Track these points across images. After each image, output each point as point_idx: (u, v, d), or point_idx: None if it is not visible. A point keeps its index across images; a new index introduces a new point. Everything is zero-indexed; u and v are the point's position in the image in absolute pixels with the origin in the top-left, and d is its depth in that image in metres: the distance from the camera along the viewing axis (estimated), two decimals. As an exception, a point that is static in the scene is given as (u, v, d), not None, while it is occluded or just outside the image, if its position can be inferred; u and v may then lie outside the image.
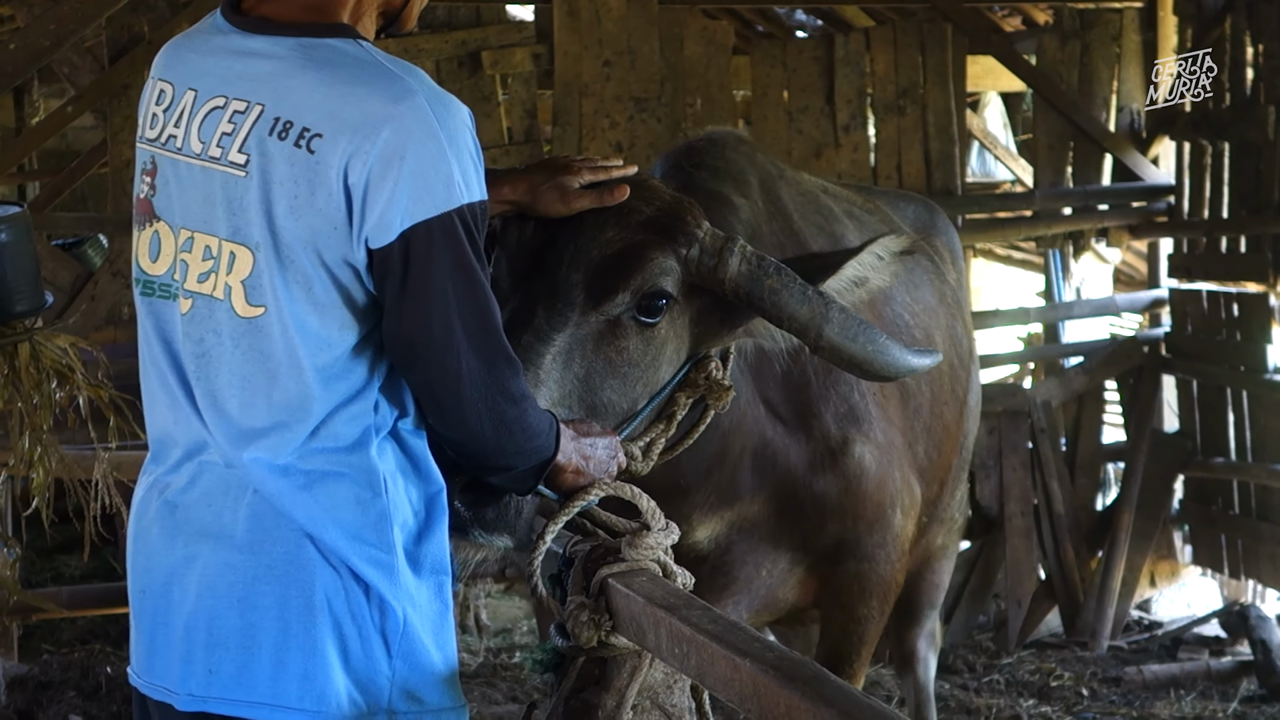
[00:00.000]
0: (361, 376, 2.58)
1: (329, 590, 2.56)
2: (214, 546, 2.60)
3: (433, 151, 2.49)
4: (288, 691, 2.57)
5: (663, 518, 3.03)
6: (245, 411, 2.56)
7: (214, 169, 2.56)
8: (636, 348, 3.17)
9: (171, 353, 2.64)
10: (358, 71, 2.52)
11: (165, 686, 2.66)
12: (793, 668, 2.34)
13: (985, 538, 8.59)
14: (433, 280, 2.50)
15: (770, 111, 9.20)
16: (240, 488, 2.59)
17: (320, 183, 2.48)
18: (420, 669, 2.63)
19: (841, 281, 3.32)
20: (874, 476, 3.97)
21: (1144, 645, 8.44)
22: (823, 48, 9.30)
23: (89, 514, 5.38)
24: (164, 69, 2.71)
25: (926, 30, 9.20)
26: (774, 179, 4.02)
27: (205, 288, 2.58)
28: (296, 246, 2.50)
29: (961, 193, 9.35)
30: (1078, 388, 9.02)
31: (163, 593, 2.66)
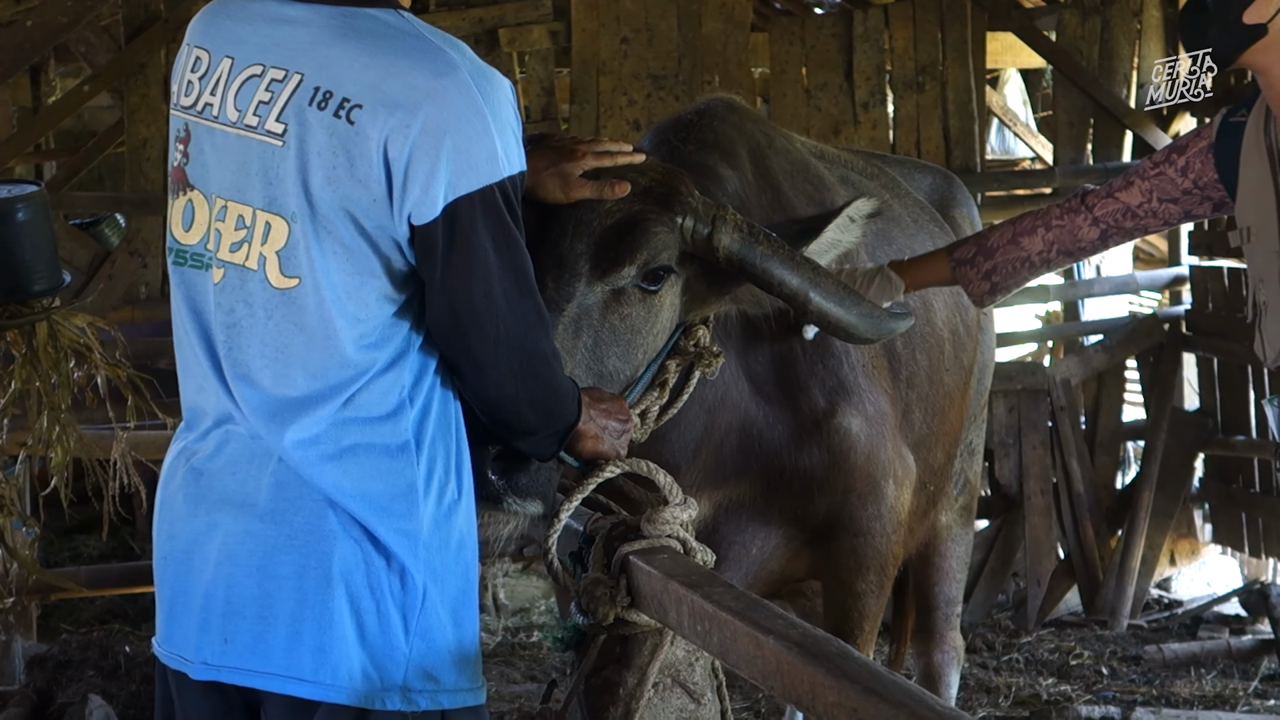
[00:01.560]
0: (397, 346, 2.58)
1: (348, 563, 2.56)
2: (235, 514, 2.60)
3: (477, 127, 2.49)
4: (302, 663, 2.57)
5: (680, 492, 3.05)
6: (278, 382, 2.56)
7: (250, 137, 2.55)
8: (639, 316, 3.22)
9: (202, 323, 2.64)
10: (399, 44, 2.51)
11: (181, 655, 2.67)
12: (816, 645, 2.33)
13: (1004, 516, 8.59)
14: (475, 251, 2.51)
15: (789, 89, 9.18)
16: (265, 456, 2.59)
17: (360, 154, 2.48)
18: (438, 647, 2.62)
19: (822, 245, 3.44)
20: (863, 448, 3.96)
21: (1164, 624, 8.42)
22: (841, 24, 9.28)
23: (108, 494, 5.38)
24: (200, 35, 2.68)
25: (946, 6, 9.17)
26: (763, 149, 4.01)
27: (238, 258, 2.58)
28: (334, 217, 2.50)
29: (981, 170, 9.34)
30: (1098, 366, 9.00)
31: (184, 560, 2.66)
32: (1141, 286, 9.96)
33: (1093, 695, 7.28)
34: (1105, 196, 3.83)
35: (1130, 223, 3.82)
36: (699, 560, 2.96)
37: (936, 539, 5.11)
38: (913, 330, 4.23)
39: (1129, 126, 9.26)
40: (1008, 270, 3.87)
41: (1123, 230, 3.85)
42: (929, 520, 4.83)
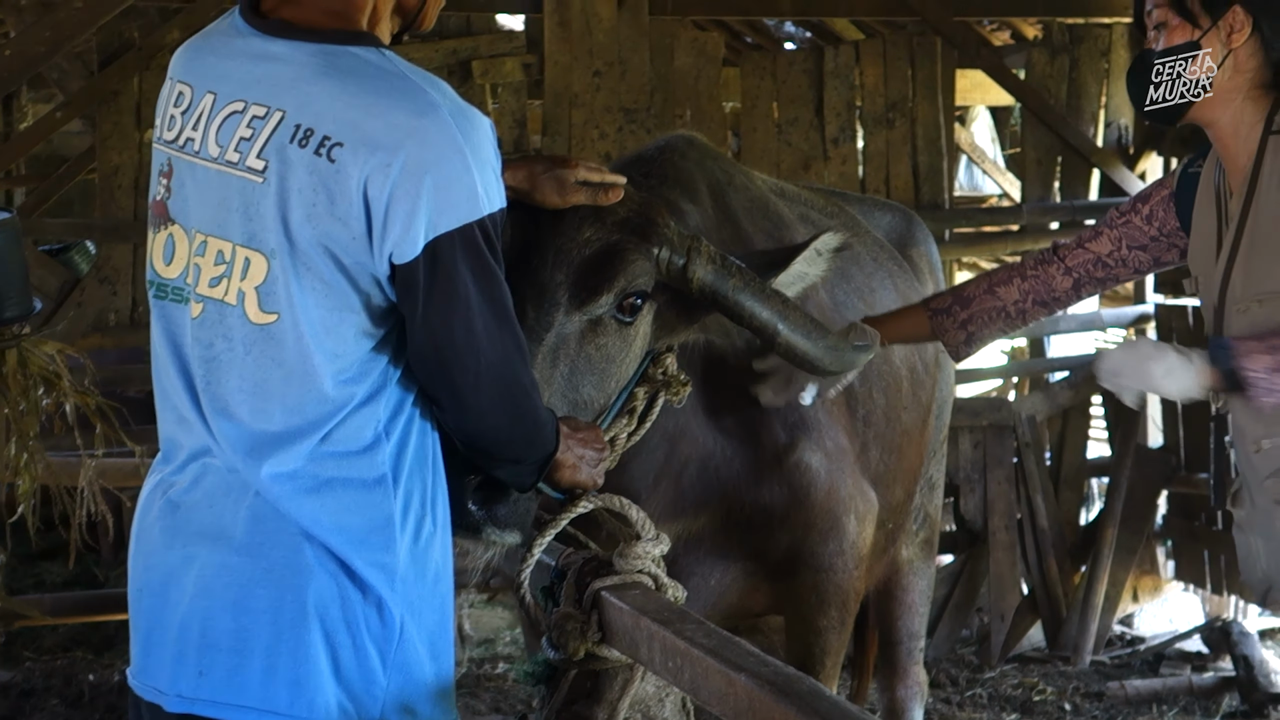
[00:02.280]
0: (375, 381, 2.59)
1: (324, 597, 2.56)
2: (212, 547, 2.60)
3: (457, 166, 2.50)
4: (278, 697, 2.57)
5: (652, 527, 3.06)
6: (256, 417, 2.56)
7: (231, 174, 2.55)
8: (615, 345, 3.23)
9: (181, 357, 2.64)
10: (381, 82, 2.52)
11: (156, 687, 2.66)
12: (788, 683, 2.34)
13: (969, 551, 8.59)
14: (456, 287, 2.52)
15: (759, 123, 9.20)
16: (242, 490, 2.59)
17: (340, 192, 2.48)
18: (415, 681, 2.62)
19: (789, 277, 3.46)
20: (823, 484, 3.96)
21: (1126, 660, 8.44)
22: (812, 60, 9.30)
23: (74, 521, 5.37)
24: (183, 70, 2.69)
25: (916, 44, 9.21)
26: (723, 185, 4.03)
27: (217, 292, 2.58)
28: (313, 253, 2.50)
29: (949, 206, 9.36)
30: (1063, 402, 9.03)
31: (160, 592, 2.66)
32: (1107, 324, 10.00)
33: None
34: (1076, 247, 3.86)
35: (1101, 272, 3.85)
36: (670, 596, 2.96)
37: (898, 574, 5.12)
38: (870, 368, 4.26)
39: (1096, 165, 9.32)
40: (984, 320, 3.90)
41: (1095, 279, 3.87)
42: (890, 555, 4.84)
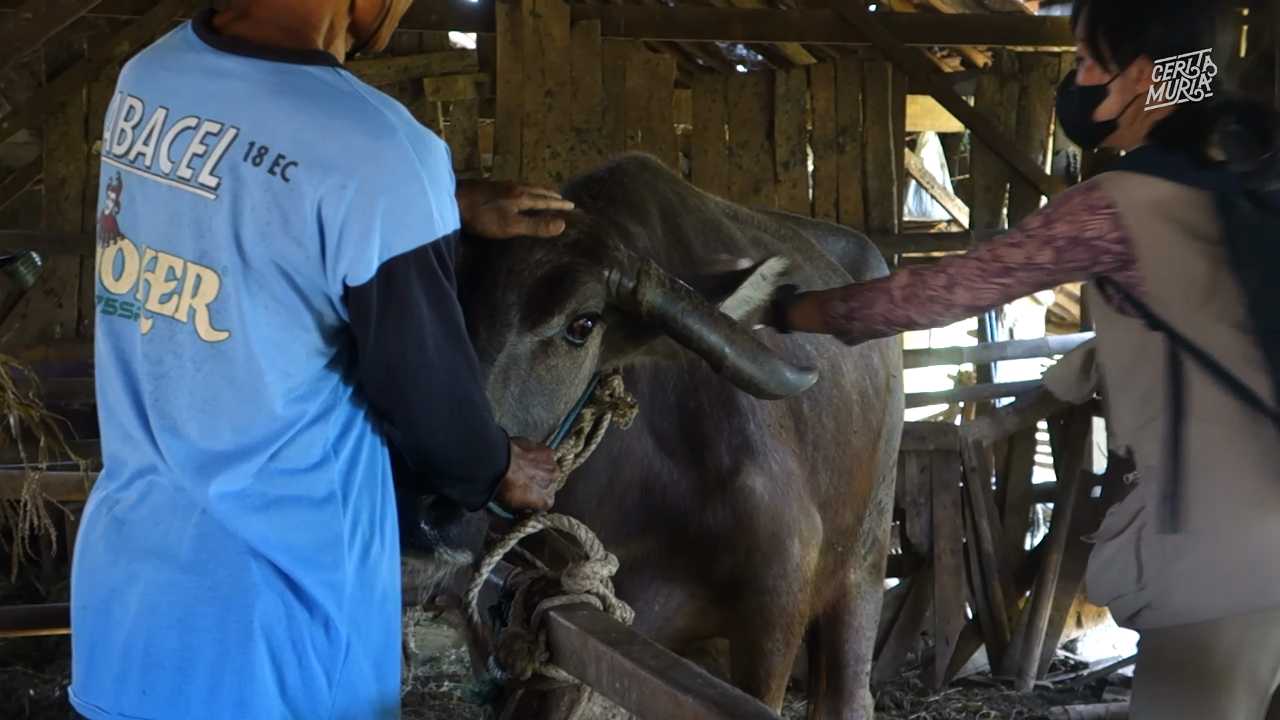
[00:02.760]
0: (326, 399, 2.58)
1: (269, 617, 2.55)
2: (157, 565, 2.58)
3: (413, 189, 2.49)
4: (222, 717, 2.55)
5: (601, 548, 3.06)
6: (205, 435, 2.54)
7: (183, 190, 2.53)
8: (565, 367, 3.23)
9: (128, 372, 2.61)
10: (337, 103, 2.50)
11: (99, 705, 2.64)
12: (735, 705, 2.34)
13: (915, 575, 8.61)
14: (410, 308, 2.52)
15: (710, 145, 9.23)
16: (189, 508, 2.57)
17: (294, 211, 2.46)
18: (360, 699, 2.61)
19: (735, 301, 3.47)
20: (767, 508, 3.97)
21: (1070, 685, 8.46)
22: (764, 83, 9.35)
23: (17, 535, 5.32)
24: (134, 84, 2.66)
25: (867, 69, 9.27)
26: (674, 207, 4.04)
27: (167, 309, 2.56)
28: (266, 272, 2.49)
29: (898, 231, 9.42)
30: (1009, 428, 9.06)
31: (103, 609, 2.63)
32: (1054, 350, 10.05)
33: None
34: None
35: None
36: (619, 617, 2.96)
37: (846, 597, 5.12)
38: (820, 392, 4.27)
39: (1044, 193, 9.38)
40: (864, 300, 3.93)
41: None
42: (838, 579, 4.84)
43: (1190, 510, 3.45)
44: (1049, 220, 3.52)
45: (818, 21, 9.29)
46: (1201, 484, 3.46)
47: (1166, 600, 3.47)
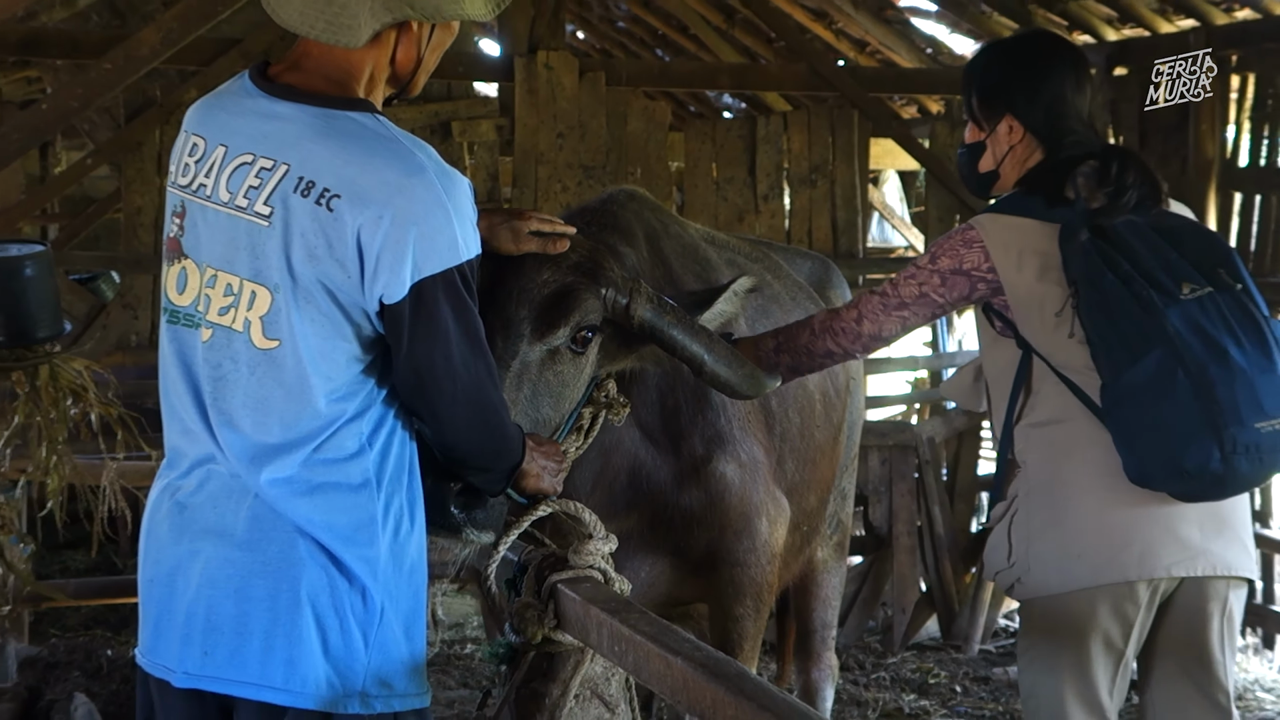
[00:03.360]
0: (363, 399, 2.58)
1: (315, 586, 2.55)
2: (216, 543, 2.57)
3: (440, 219, 2.49)
4: (274, 674, 2.54)
5: (602, 528, 3.07)
6: (258, 430, 2.54)
7: (240, 217, 2.53)
8: (569, 372, 3.23)
9: (191, 375, 2.61)
10: (375, 144, 2.50)
11: (165, 665, 2.63)
12: (718, 666, 2.33)
13: (875, 554, 8.61)
14: (437, 322, 2.52)
15: (700, 181, 9.23)
16: (243, 493, 2.57)
17: (337, 238, 2.47)
18: (392, 659, 2.61)
19: (712, 314, 3.47)
20: (737, 490, 3.97)
21: (1010, 649, 8.44)
22: (747, 127, 9.35)
23: (97, 515, 5.32)
24: (197, 124, 2.66)
25: (836, 115, 9.27)
26: (658, 233, 4.04)
27: (225, 320, 2.56)
28: (313, 289, 2.49)
29: (863, 256, 9.42)
30: (958, 426, 9.06)
31: (168, 582, 2.63)
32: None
33: (948, 710, 7.29)
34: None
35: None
36: (617, 589, 2.96)
37: (813, 571, 5.12)
38: (788, 392, 4.27)
39: (989, 222, 9.36)
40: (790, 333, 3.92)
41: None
42: (805, 554, 4.83)
43: (1044, 499, 3.51)
44: (934, 256, 3.59)
45: (794, 74, 9.29)
46: (1053, 476, 3.51)
47: (1029, 576, 3.52)
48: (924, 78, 9.80)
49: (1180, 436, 3.27)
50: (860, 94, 9.09)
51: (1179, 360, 3.27)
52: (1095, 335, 3.38)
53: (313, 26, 2.54)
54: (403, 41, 2.63)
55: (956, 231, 3.61)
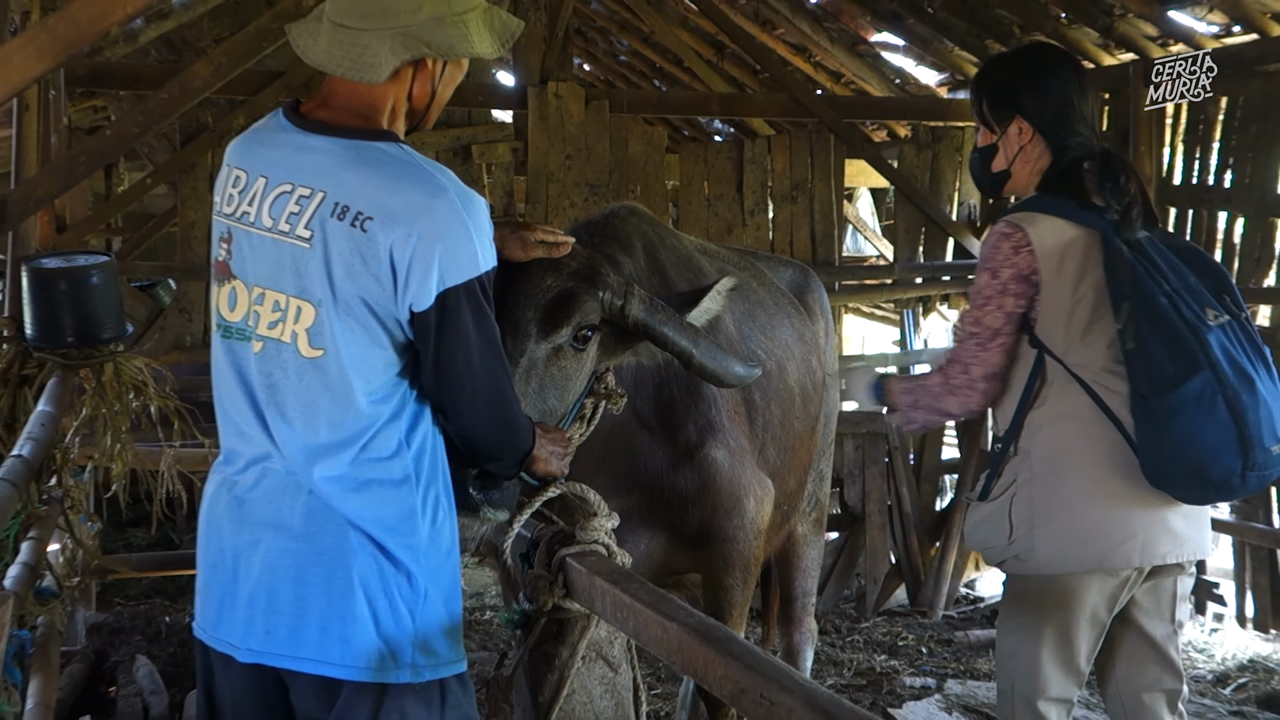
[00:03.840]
0: (398, 400, 2.58)
1: (366, 572, 2.55)
2: (275, 534, 2.58)
3: (461, 236, 2.49)
4: (331, 650, 2.55)
5: (605, 507, 3.08)
6: (308, 431, 2.55)
7: (283, 240, 2.53)
8: (571, 366, 3.23)
9: (245, 383, 2.61)
10: (401, 170, 2.50)
11: (229, 641, 2.64)
12: (709, 630, 2.34)
13: (850, 530, 8.62)
14: (459, 327, 2.52)
15: (693, 198, 9.22)
16: (297, 489, 2.57)
17: (371, 255, 2.47)
18: (435, 632, 2.61)
19: (699, 312, 3.47)
20: (726, 473, 3.98)
21: (970, 615, 8.46)
22: (735, 150, 9.34)
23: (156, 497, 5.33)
24: (239, 159, 2.66)
25: (814, 139, 9.26)
26: (655, 244, 4.05)
27: (274, 333, 2.56)
28: (352, 303, 2.50)
29: (838, 264, 9.40)
30: (924, 416, 9.06)
31: (231, 569, 2.64)
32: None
33: (915, 669, 7.30)
34: None
35: None
36: (619, 561, 2.96)
37: (794, 544, 5.13)
38: (769, 387, 4.27)
39: (951, 234, 9.39)
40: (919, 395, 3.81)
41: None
42: (786, 530, 4.85)
43: (1050, 486, 3.48)
44: (995, 273, 3.47)
45: (777, 102, 9.28)
46: (1060, 466, 3.48)
47: (1031, 555, 3.49)
48: (893, 105, 9.80)
49: (1211, 452, 3.29)
50: (836, 120, 9.08)
51: (1220, 384, 3.28)
52: (1142, 349, 3.33)
53: (339, 65, 2.55)
54: (419, 78, 2.62)
55: (999, 240, 3.48)
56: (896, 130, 10.66)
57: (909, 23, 9.29)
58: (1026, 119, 3.57)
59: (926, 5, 8.88)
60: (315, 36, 2.59)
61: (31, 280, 4.71)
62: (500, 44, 2.64)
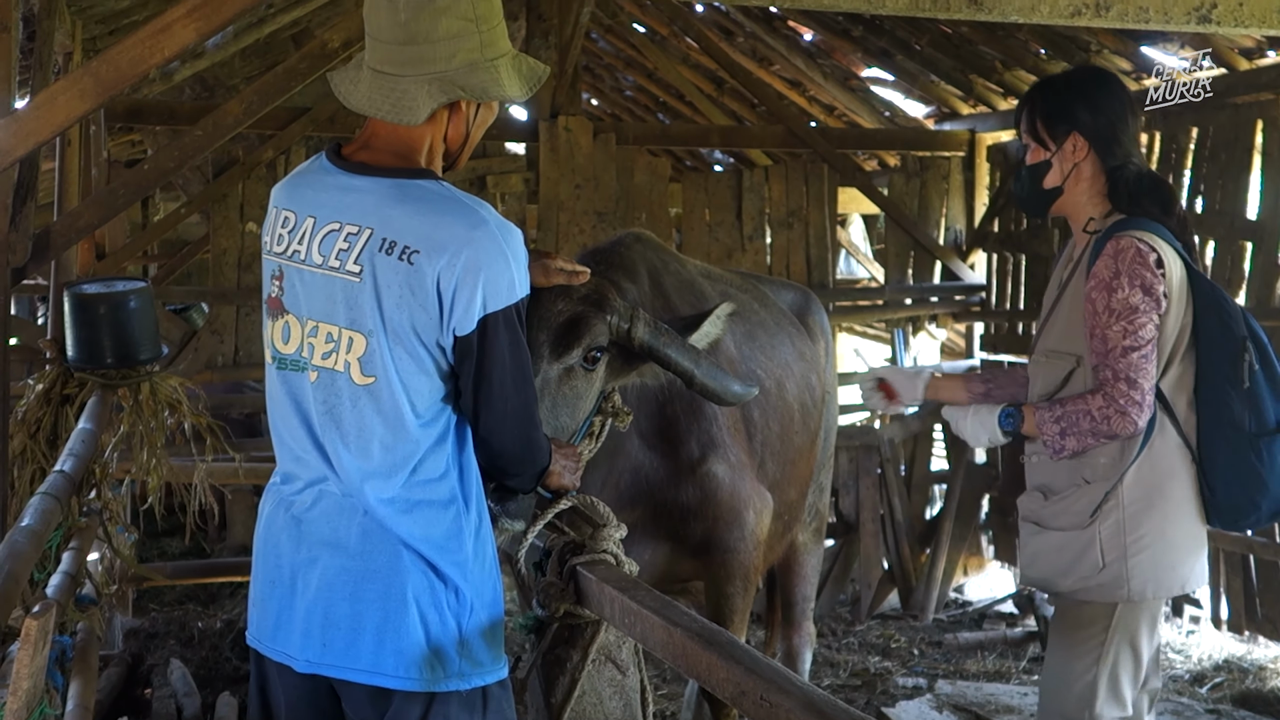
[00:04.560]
0: (444, 423, 2.58)
1: (418, 589, 2.56)
2: (332, 553, 2.58)
3: (501, 265, 2.50)
4: (385, 662, 2.55)
5: (614, 518, 3.07)
6: (362, 455, 2.55)
7: (335, 276, 2.53)
8: (581, 386, 3.22)
9: (302, 411, 2.61)
10: (443, 204, 2.51)
11: (286, 652, 2.64)
12: (712, 635, 2.33)
13: (845, 538, 8.60)
14: (496, 351, 2.52)
15: (695, 224, 9.24)
16: (353, 510, 2.57)
17: (419, 286, 2.47)
18: (480, 640, 2.61)
19: (700, 335, 3.46)
20: (727, 486, 3.97)
21: (959, 618, 8.45)
22: (734, 179, 9.35)
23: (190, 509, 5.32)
24: (286, 201, 2.66)
25: (809, 168, 9.28)
26: (659, 270, 4.05)
27: (328, 363, 2.56)
28: (402, 332, 2.50)
29: (832, 286, 9.41)
30: (914, 429, 9.06)
31: (289, 584, 2.64)
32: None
33: (907, 670, 7.28)
34: None
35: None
36: (626, 570, 2.96)
37: (795, 552, 5.11)
38: (768, 404, 4.26)
39: (938, 258, 9.39)
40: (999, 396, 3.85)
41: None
42: (787, 539, 4.83)
43: (1142, 516, 3.41)
44: (1148, 288, 3.32)
45: (774, 134, 9.30)
46: (1150, 495, 3.42)
47: (1124, 582, 3.42)
48: (883, 136, 9.81)
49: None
50: (829, 150, 9.10)
51: None
52: (1255, 388, 3.32)
53: (379, 109, 2.56)
54: (454, 119, 2.63)
55: (1130, 256, 3.32)
56: (886, 160, 10.67)
57: (897, 59, 9.31)
58: (1083, 134, 3.45)
59: (914, 42, 8.90)
60: (355, 84, 2.60)
61: (73, 305, 4.72)
62: (528, 87, 2.65)
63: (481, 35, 2.56)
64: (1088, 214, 3.53)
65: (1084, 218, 3.54)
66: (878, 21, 8.84)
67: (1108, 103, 3.48)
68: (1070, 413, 3.41)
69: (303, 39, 8.89)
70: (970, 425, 3.70)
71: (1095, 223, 3.50)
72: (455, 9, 2.54)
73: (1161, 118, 8.01)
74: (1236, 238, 7.47)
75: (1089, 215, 3.53)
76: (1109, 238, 3.39)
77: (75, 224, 4.94)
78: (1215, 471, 3.38)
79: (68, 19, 6.34)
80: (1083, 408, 3.37)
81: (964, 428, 3.72)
